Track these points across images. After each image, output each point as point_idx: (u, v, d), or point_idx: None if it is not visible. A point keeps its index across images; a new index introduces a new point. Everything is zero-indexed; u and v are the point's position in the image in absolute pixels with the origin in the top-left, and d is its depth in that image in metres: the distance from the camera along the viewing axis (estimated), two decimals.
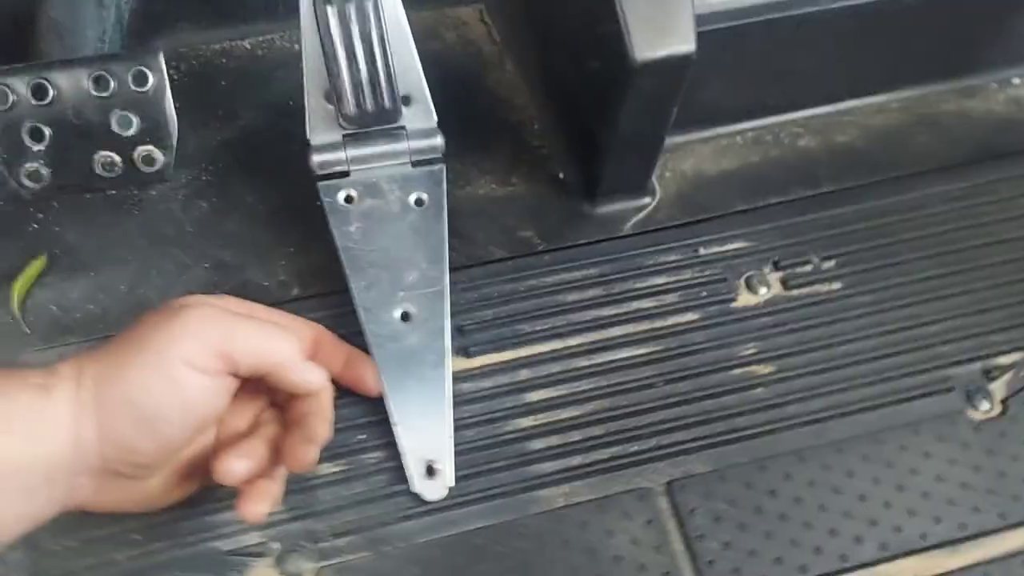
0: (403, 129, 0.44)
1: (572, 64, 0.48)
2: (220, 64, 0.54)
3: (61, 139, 0.39)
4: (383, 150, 0.44)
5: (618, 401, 0.43)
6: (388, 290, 0.42)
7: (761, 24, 0.47)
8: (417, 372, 0.41)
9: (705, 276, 0.47)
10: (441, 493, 0.40)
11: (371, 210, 0.43)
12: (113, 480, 0.34)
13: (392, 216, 0.43)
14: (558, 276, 0.47)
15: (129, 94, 0.39)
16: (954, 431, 0.43)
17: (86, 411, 0.32)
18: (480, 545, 0.39)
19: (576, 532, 0.39)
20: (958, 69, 0.56)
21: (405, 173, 0.44)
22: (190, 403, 0.34)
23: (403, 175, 0.44)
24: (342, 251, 0.42)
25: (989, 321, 0.46)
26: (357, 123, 0.43)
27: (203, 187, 0.49)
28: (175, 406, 0.33)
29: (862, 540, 0.40)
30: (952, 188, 0.51)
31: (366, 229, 0.43)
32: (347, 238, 0.43)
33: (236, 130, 0.52)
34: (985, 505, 0.41)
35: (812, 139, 0.53)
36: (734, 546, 0.39)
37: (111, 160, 0.39)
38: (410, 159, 0.44)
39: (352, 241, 0.43)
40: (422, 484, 0.40)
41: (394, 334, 0.42)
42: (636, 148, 0.47)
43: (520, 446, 0.42)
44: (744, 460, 0.41)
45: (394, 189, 0.44)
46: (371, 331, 0.42)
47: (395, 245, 0.43)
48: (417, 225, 0.43)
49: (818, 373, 0.44)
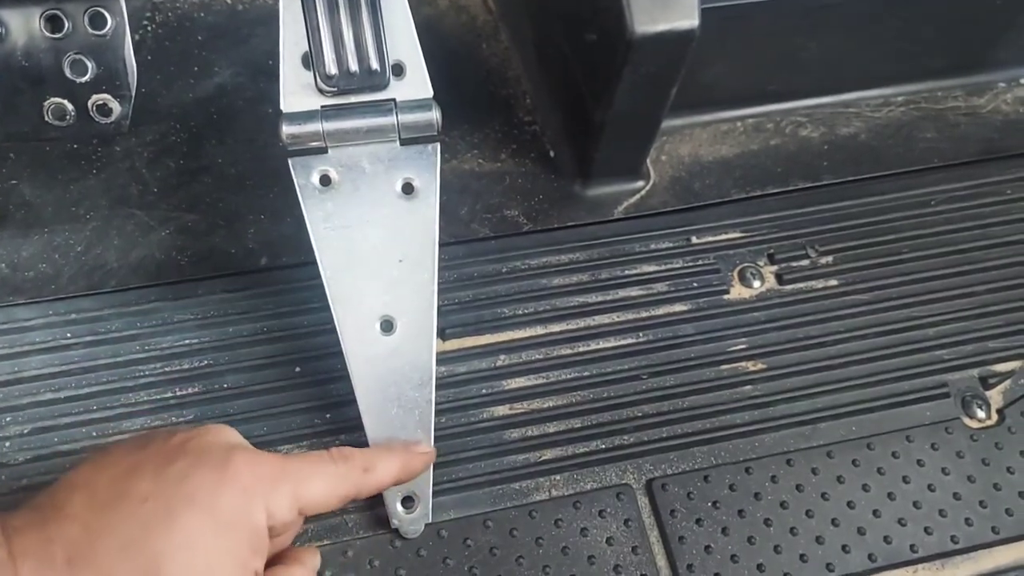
0: (392, 100, 0.37)
1: (569, 37, 0.46)
2: (197, 17, 0.51)
3: (8, 82, 0.35)
4: (367, 124, 0.37)
5: (600, 393, 0.41)
6: (368, 292, 0.36)
7: (769, 5, 0.44)
8: (397, 393, 0.36)
9: (697, 266, 0.45)
10: (417, 528, 0.37)
11: (351, 195, 0.37)
12: None
13: (375, 203, 0.37)
14: (543, 259, 0.45)
15: (85, 37, 0.36)
16: (948, 439, 0.41)
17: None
18: (446, 538, 0.37)
19: (549, 528, 0.37)
20: (967, 66, 0.54)
21: (392, 152, 0.37)
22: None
23: (390, 154, 0.37)
24: (315, 242, 0.36)
25: (988, 326, 0.44)
26: (337, 87, 0.36)
27: (171, 145, 0.46)
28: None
29: (849, 549, 0.38)
30: (956, 187, 0.49)
31: (344, 217, 0.37)
32: (321, 227, 0.36)
33: (211, 88, 0.49)
34: (977, 518, 0.39)
35: (814, 130, 0.51)
36: (715, 550, 0.37)
37: (62, 108, 0.36)
38: (399, 136, 0.37)
39: (327, 231, 0.36)
40: (398, 517, 0.36)
41: (373, 345, 0.36)
42: (631, 128, 0.44)
43: (495, 435, 0.40)
44: (729, 460, 0.40)
45: (379, 171, 0.37)
46: (347, 339, 0.36)
47: (377, 239, 0.36)
48: (404, 216, 0.37)
49: (810, 372, 0.42)
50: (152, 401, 0.39)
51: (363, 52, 0.36)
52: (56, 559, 0.25)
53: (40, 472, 0.37)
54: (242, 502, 0.27)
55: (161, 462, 0.27)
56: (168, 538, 0.26)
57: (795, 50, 0.49)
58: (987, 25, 0.51)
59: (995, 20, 0.51)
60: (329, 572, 0.36)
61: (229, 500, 0.27)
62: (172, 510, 0.26)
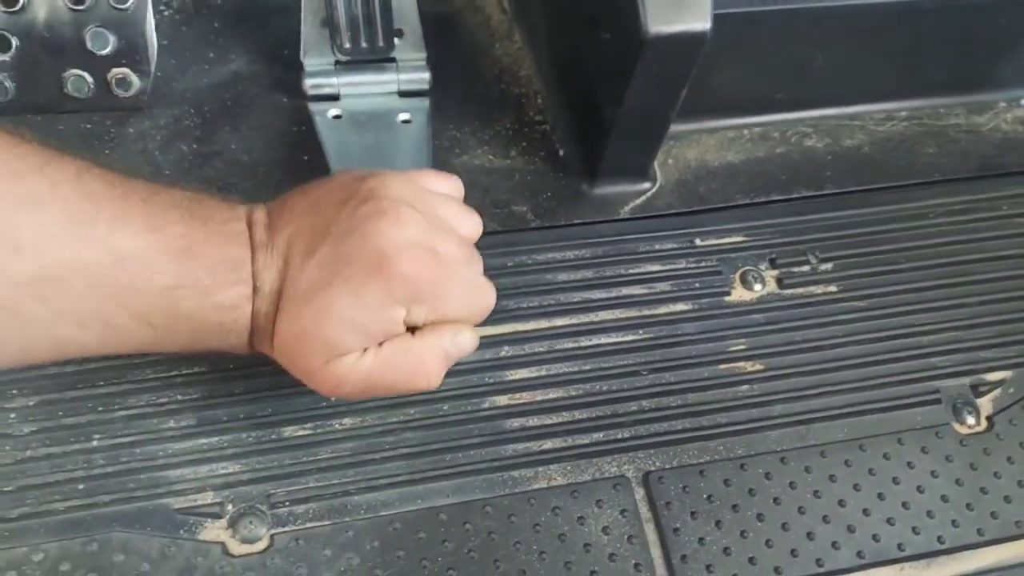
0: (393, 61, 0.46)
1: (581, 36, 0.47)
2: (214, 4, 0.51)
3: (29, 52, 0.36)
4: (373, 78, 0.47)
5: (600, 386, 0.42)
6: None
7: (779, 14, 0.45)
8: None
9: (700, 267, 0.46)
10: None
11: (358, 121, 0.46)
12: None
13: (379, 126, 0.46)
14: (549, 255, 0.45)
15: (107, 11, 0.36)
16: (938, 444, 0.42)
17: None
18: (445, 521, 0.37)
19: (547, 516, 0.38)
20: (969, 84, 0.55)
21: (392, 101, 0.47)
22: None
23: (390, 102, 0.47)
24: (328, 148, 0.44)
25: (980, 336, 0.45)
26: (350, 55, 0.46)
27: (185, 129, 0.47)
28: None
29: (839, 546, 0.39)
30: (954, 201, 0.50)
31: (354, 134, 0.45)
32: (334, 140, 0.45)
33: (226, 74, 0.49)
34: (964, 520, 0.40)
35: (819, 140, 0.52)
36: (708, 542, 0.38)
37: (82, 80, 0.36)
38: (398, 88, 0.47)
39: (339, 142, 0.45)
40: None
41: None
42: (640, 129, 0.45)
43: (496, 424, 0.40)
44: (725, 457, 0.40)
45: (381, 112, 0.47)
46: None
47: (382, 146, 0.45)
48: (403, 135, 0.46)
49: (806, 375, 0.43)
50: (158, 379, 0.40)
51: (373, 30, 0.45)
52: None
53: (45, 444, 0.37)
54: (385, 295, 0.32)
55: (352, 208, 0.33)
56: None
57: (803, 61, 0.50)
58: (990, 45, 0.53)
59: (998, 40, 0.53)
60: (328, 551, 0.36)
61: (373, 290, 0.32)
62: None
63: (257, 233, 0.33)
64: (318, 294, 0.31)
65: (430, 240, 0.32)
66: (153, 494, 0.37)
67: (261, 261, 0.32)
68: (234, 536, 0.36)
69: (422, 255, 0.32)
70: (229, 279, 0.32)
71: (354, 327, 0.32)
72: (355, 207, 0.32)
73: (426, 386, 0.34)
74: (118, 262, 0.30)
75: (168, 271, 0.31)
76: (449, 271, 0.33)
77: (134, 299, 0.31)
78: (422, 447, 0.39)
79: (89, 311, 0.30)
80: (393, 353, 0.33)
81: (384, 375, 0.33)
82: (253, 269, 0.32)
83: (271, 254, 0.33)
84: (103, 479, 0.37)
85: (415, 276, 0.32)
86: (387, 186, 0.33)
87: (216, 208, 0.33)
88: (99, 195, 0.30)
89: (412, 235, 0.32)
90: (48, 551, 0.35)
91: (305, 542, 0.36)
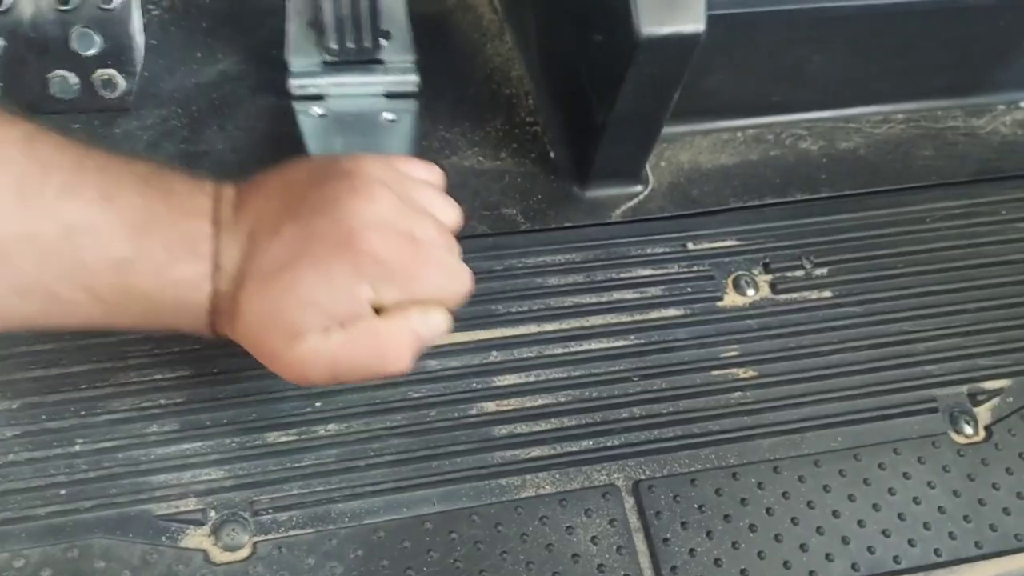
0: (381, 62, 0.45)
1: (573, 37, 0.46)
2: (203, 4, 0.51)
3: (14, 51, 0.35)
4: (359, 80, 0.46)
5: (590, 393, 0.41)
6: None
7: (774, 15, 0.45)
8: None
9: (692, 272, 0.45)
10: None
11: (344, 122, 0.45)
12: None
13: (364, 127, 0.45)
14: (539, 258, 0.45)
15: (92, 11, 0.36)
16: (935, 453, 0.41)
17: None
18: (431, 530, 0.37)
19: (534, 525, 0.37)
20: (967, 87, 0.54)
21: (378, 102, 0.46)
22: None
23: (376, 103, 0.46)
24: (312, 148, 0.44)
25: (979, 343, 0.45)
26: (337, 56, 0.45)
27: (172, 129, 0.46)
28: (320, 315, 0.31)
29: (833, 558, 0.38)
30: (952, 205, 0.49)
31: (339, 135, 0.45)
32: (319, 140, 0.44)
33: (214, 74, 0.49)
34: (961, 532, 0.39)
35: (814, 143, 0.52)
36: (699, 553, 0.37)
37: (67, 81, 0.36)
38: (385, 91, 0.46)
39: (324, 142, 0.44)
40: None
41: None
42: (632, 131, 0.45)
43: (483, 431, 0.40)
44: (716, 465, 0.40)
45: (367, 111, 0.46)
46: None
47: (366, 148, 0.44)
48: (389, 137, 0.45)
49: (800, 382, 0.43)
50: (142, 382, 0.39)
51: (360, 31, 0.44)
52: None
53: (28, 448, 0.37)
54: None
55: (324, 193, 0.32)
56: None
57: (798, 63, 0.49)
58: (988, 47, 0.52)
59: (996, 43, 0.52)
60: (312, 560, 0.36)
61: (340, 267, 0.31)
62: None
63: (224, 209, 0.31)
64: (283, 272, 0.30)
65: (403, 220, 0.31)
66: (135, 500, 0.36)
67: (224, 237, 0.31)
68: (216, 543, 0.36)
69: (392, 233, 0.31)
70: (187, 255, 0.30)
71: (318, 306, 0.30)
72: (327, 186, 0.31)
73: (395, 370, 0.32)
74: (66, 233, 0.28)
75: (121, 244, 0.29)
76: (422, 251, 0.31)
77: (82, 272, 0.29)
78: (408, 454, 0.38)
79: (32, 282, 0.28)
80: (359, 334, 0.31)
81: (350, 357, 0.31)
82: (216, 247, 0.31)
83: (235, 232, 0.31)
84: (85, 484, 0.36)
85: (384, 254, 0.30)
86: (362, 167, 0.32)
87: (180, 182, 0.31)
88: (50, 162, 0.28)
89: (384, 213, 0.31)
90: (29, 557, 0.34)
91: (288, 550, 0.36)
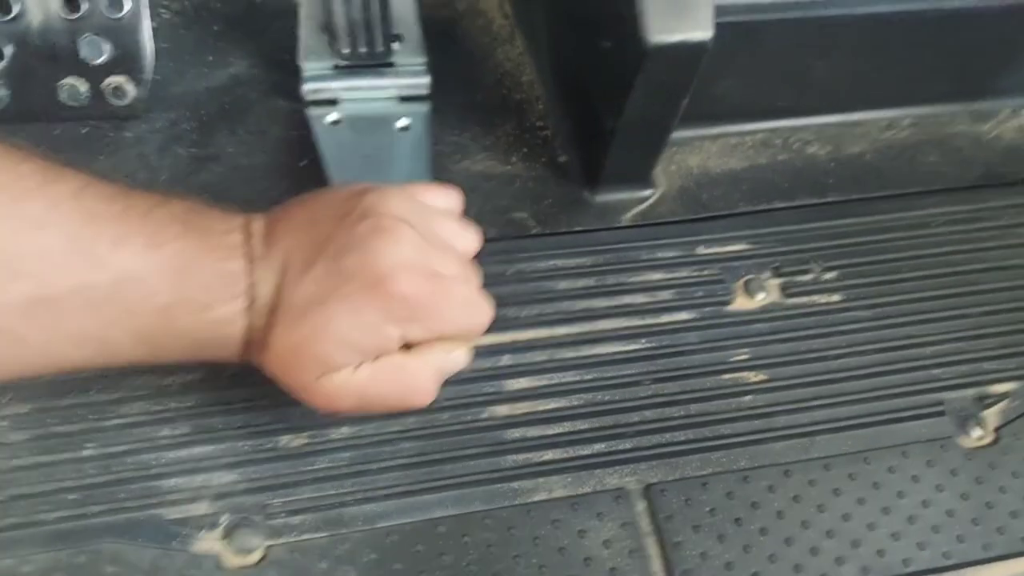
0: (392, 66, 0.46)
1: (583, 43, 0.46)
2: (215, 7, 0.51)
3: (23, 60, 0.35)
4: (372, 83, 0.46)
5: (602, 396, 0.41)
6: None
7: (782, 22, 0.45)
8: None
9: (702, 276, 0.46)
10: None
11: (357, 127, 0.46)
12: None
13: (377, 131, 0.46)
14: (550, 262, 0.45)
15: (101, 19, 0.36)
16: (944, 457, 0.41)
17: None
18: (444, 534, 0.37)
19: (547, 529, 0.37)
20: (973, 92, 0.55)
21: (391, 106, 0.46)
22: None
23: (389, 107, 0.46)
24: (325, 153, 0.44)
25: (985, 347, 0.45)
26: (349, 60, 0.46)
27: (182, 133, 0.46)
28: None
29: (843, 561, 0.38)
30: (957, 210, 0.50)
31: (352, 139, 0.45)
32: (332, 145, 0.44)
33: (225, 78, 0.49)
34: (970, 535, 0.39)
35: (821, 147, 0.52)
36: (711, 556, 0.37)
37: (76, 88, 0.36)
38: (398, 93, 0.46)
39: (337, 147, 0.44)
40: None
41: None
42: (642, 136, 0.45)
43: (495, 435, 0.40)
44: (728, 469, 0.40)
45: (380, 115, 0.46)
46: None
47: (380, 152, 0.45)
48: (402, 141, 0.45)
49: (810, 385, 0.43)
50: (153, 387, 0.39)
51: (372, 35, 0.45)
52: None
53: (35, 452, 0.37)
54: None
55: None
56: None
57: (805, 68, 0.49)
58: (994, 53, 0.52)
59: (1001, 49, 0.52)
60: (324, 564, 0.36)
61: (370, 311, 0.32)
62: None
63: (256, 244, 0.33)
64: (314, 310, 0.31)
65: (427, 259, 0.32)
66: (146, 504, 0.36)
67: (258, 274, 0.32)
68: (228, 547, 0.36)
69: (419, 275, 0.32)
70: (225, 294, 0.32)
71: (349, 344, 0.32)
72: (354, 223, 0.32)
73: (420, 403, 0.34)
74: (115, 283, 0.30)
75: (165, 290, 0.31)
76: (445, 290, 0.33)
77: (131, 320, 0.31)
78: (420, 457, 0.38)
79: (86, 332, 0.30)
80: (387, 370, 0.33)
81: (378, 392, 0.33)
82: (249, 282, 0.32)
83: (268, 267, 0.32)
84: (94, 489, 0.36)
85: (412, 296, 0.32)
86: (385, 203, 0.33)
87: (214, 219, 0.33)
88: (99, 215, 0.30)
89: (409, 254, 0.32)
90: (37, 562, 0.34)
91: (301, 554, 0.36)
